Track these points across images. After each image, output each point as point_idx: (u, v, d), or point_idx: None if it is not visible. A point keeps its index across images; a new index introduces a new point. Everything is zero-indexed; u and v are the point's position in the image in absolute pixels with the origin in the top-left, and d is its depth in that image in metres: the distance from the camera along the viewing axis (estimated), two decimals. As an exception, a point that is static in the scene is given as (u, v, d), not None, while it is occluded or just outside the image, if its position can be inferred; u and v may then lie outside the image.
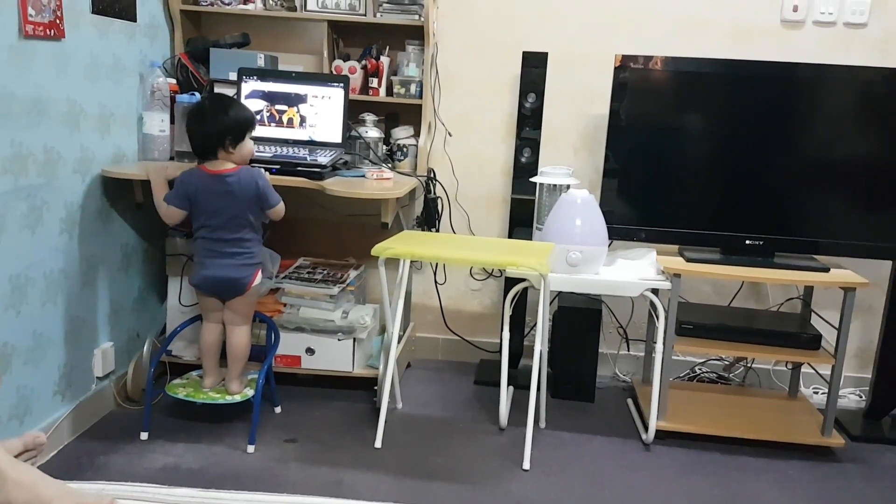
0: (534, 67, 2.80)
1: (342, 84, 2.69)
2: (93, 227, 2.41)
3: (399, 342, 2.68)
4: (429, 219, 3.00)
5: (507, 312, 2.61)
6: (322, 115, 2.70)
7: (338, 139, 2.69)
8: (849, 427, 2.69)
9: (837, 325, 2.43)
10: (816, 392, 3.01)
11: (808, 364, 2.85)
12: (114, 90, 2.47)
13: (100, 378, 2.49)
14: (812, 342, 2.53)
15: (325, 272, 2.78)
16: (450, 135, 3.05)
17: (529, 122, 2.85)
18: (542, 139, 2.88)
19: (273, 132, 2.70)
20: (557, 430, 2.59)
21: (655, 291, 2.48)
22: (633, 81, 2.58)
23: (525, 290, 2.74)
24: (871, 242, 2.56)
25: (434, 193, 3.00)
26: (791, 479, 2.35)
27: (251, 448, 2.33)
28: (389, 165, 2.86)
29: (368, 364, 2.77)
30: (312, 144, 2.68)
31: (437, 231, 3.04)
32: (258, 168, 2.36)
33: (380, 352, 2.70)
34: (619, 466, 2.38)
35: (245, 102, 2.65)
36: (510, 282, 2.66)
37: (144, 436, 2.36)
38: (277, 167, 2.46)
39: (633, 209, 2.66)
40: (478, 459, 2.37)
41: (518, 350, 2.98)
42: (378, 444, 2.39)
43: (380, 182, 2.59)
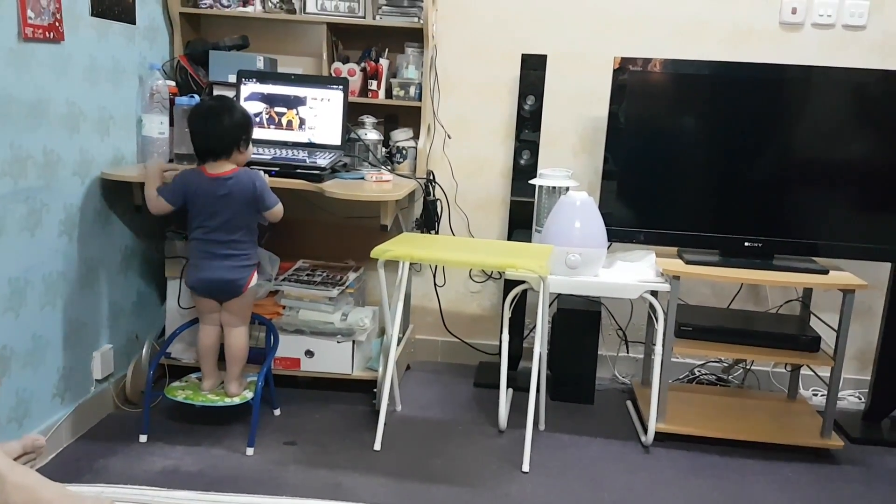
0: (533, 70, 2.81)
1: (341, 86, 2.69)
2: (92, 230, 2.41)
3: (398, 344, 2.68)
4: (428, 221, 3.00)
5: (507, 314, 2.61)
6: (321, 118, 2.70)
7: (337, 141, 2.69)
8: (848, 429, 2.69)
9: (836, 327, 2.44)
10: (816, 394, 3.01)
11: (808, 366, 2.85)
12: (113, 93, 2.47)
13: (99, 380, 2.48)
14: (811, 344, 2.53)
15: (325, 274, 2.78)
16: (449, 137, 3.05)
17: (528, 125, 2.85)
18: (542, 141, 2.88)
19: (272, 134, 2.71)
20: (557, 433, 2.59)
21: (654, 293, 2.48)
22: (632, 84, 2.59)
23: (524, 293, 2.74)
24: (870, 244, 2.56)
25: (433, 196, 3.00)
26: (790, 481, 2.35)
27: (250, 450, 2.33)
28: (389, 168, 2.86)
29: (368, 366, 2.77)
30: (311, 147, 2.69)
31: (437, 233, 3.04)
32: (256, 170, 2.36)
33: (379, 354, 2.70)
34: (619, 469, 2.38)
35: (244, 105, 2.65)
36: (509, 284, 2.67)
37: (143, 438, 2.36)
38: (277, 169, 2.46)
39: (633, 211, 2.66)
40: (477, 462, 2.36)
41: (517, 352, 2.97)
42: (377, 447, 2.39)
43: (379, 184, 2.59)
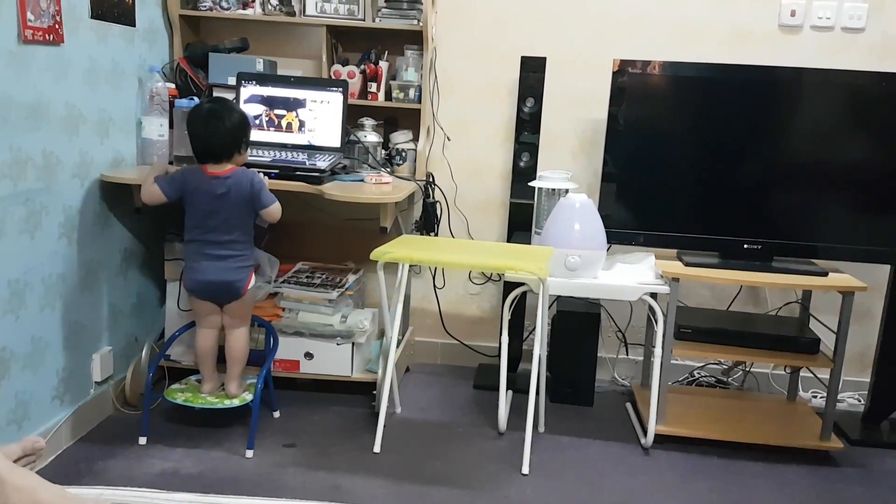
0: (532, 72, 2.81)
1: (341, 89, 2.69)
2: (91, 232, 2.41)
3: (398, 346, 2.68)
4: (427, 223, 3.00)
5: (506, 316, 2.61)
6: (321, 120, 2.70)
7: (337, 144, 2.69)
8: (848, 431, 2.69)
9: (836, 329, 2.44)
10: (815, 396, 3.01)
11: (807, 368, 2.85)
12: (113, 95, 2.47)
13: (98, 383, 2.48)
14: (810, 346, 2.53)
15: (324, 276, 2.78)
16: (448, 139, 3.05)
17: (528, 127, 2.85)
18: (541, 143, 2.88)
19: (272, 137, 2.71)
20: (556, 435, 2.59)
21: (654, 296, 2.48)
22: (632, 86, 2.59)
23: (524, 295, 2.74)
24: (870, 246, 2.56)
25: (433, 198, 3.00)
26: (790, 483, 2.35)
27: (250, 453, 2.33)
28: (388, 170, 2.86)
29: (367, 368, 2.77)
30: (311, 149, 2.69)
31: (436, 235, 3.04)
32: (254, 171, 2.36)
33: (378, 356, 2.70)
34: (618, 471, 2.37)
35: (244, 107, 2.66)
36: (509, 286, 2.67)
37: (143, 440, 2.36)
38: (276, 171, 2.46)
39: (632, 213, 2.66)
40: (477, 464, 2.36)
41: (517, 354, 2.97)
42: (377, 449, 2.38)
43: (379, 186, 2.59)
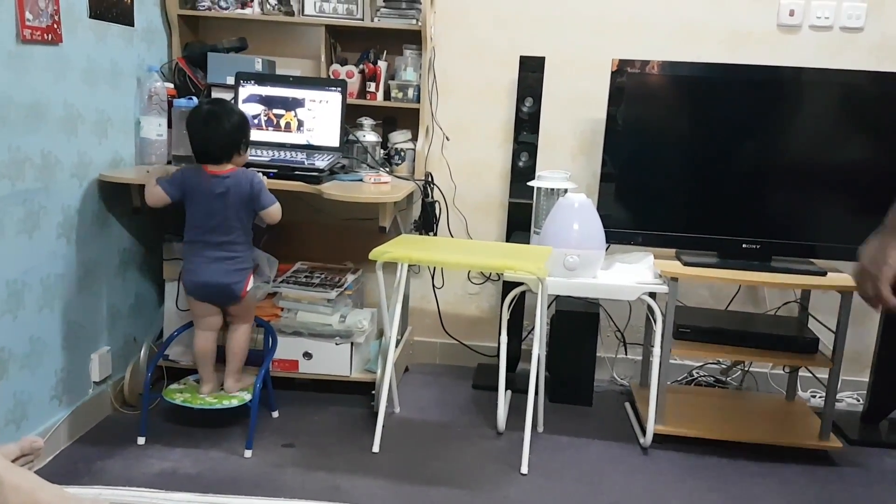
0: (531, 72, 2.81)
1: (340, 88, 2.69)
2: (90, 232, 2.40)
3: (397, 346, 2.68)
4: (426, 223, 3.00)
5: (505, 316, 2.61)
6: (320, 120, 2.70)
7: (335, 143, 2.69)
8: (846, 430, 2.69)
9: (835, 329, 2.44)
10: (814, 396, 3.01)
11: (806, 368, 2.85)
12: (111, 95, 2.47)
13: (97, 383, 2.48)
14: (809, 346, 2.53)
15: (323, 276, 2.78)
16: (447, 139, 3.05)
17: (527, 127, 2.85)
18: (540, 143, 2.88)
19: (271, 136, 2.71)
20: (555, 435, 2.59)
21: (653, 295, 2.48)
22: (630, 86, 2.59)
23: (523, 294, 2.74)
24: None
25: (432, 197, 3.00)
26: (789, 483, 2.35)
27: (248, 453, 2.32)
28: (387, 169, 2.86)
29: (366, 368, 2.77)
30: (310, 148, 2.69)
31: (435, 235, 3.04)
32: (254, 171, 2.36)
33: (377, 356, 2.70)
34: (617, 470, 2.37)
35: (243, 107, 2.66)
36: (508, 286, 2.67)
37: (141, 440, 2.36)
38: (275, 171, 2.46)
39: (631, 213, 2.66)
40: (476, 464, 2.36)
41: (516, 354, 2.98)
42: (376, 449, 2.38)
43: (377, 186, 2.59)
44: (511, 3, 2.95)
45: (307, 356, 2.69)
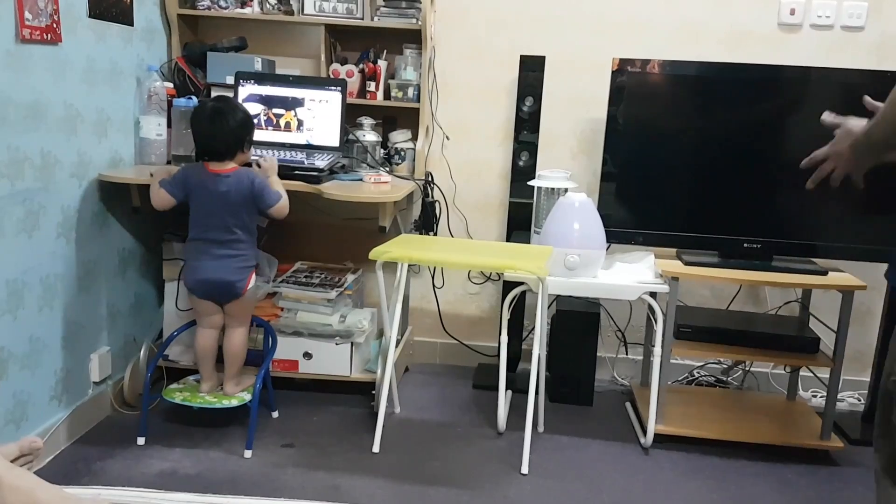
0: (531, 71, 2.81)
1: (339, 88, 2.69)
2: (90, 232, 2.40)
3: (397, 346, 2.68)
4: (427, 222, 3.00)
5: (506, 316, 2.60)
6: (319, 119, 2.69)
7: (335, 143, 2.69)
8: (847, 430, 2.68)
9: (836, 329, 2.43)
10: (815, 395, 3.01)
11: (807, 367, 2.85)
12: (111, 94, 2.47)
13: (96, 383, 2.48)
14: (810, 345, 2.53)
15: (323, 276, 2.78)
16: (447, 138, 3.05)
17: (527, 126, 2.85)
18: (540, 143, 2.88)
19: (270, 136, 2.70)
20: (556, 435, 2.59)
21: (654, 295, 2.48)
22: (631, 85, 2.59)
23: (523, 294, 2.74)
24: (870, 245, 2.55)
25: (432, 197, 3.00)
26: (790, 483, 2.35)
27: (248, 453, 2.32)
28: (387, 169, 2.86)
29: (366, 368, 2.76)
30: (310, 148, 2.68)
31: (435, 235, 3.03)
32: (255, 170, 2.36)
33: (377, 356, 2.69)
34: (618, 470, 2.37)
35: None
36: (508, 285, 2.66)
37: (141, 440, 2.35)
38: (275, 171, 2.46)
39: (631, 212, 2.66)
40: (476, 464, 2.36)
41: (516, 354, 2.97)
42: (376, 449, 2.38)
43: (377, 186, 2.58)
44: (511, 3, 2.94)
45: (307, 356, 2.69)
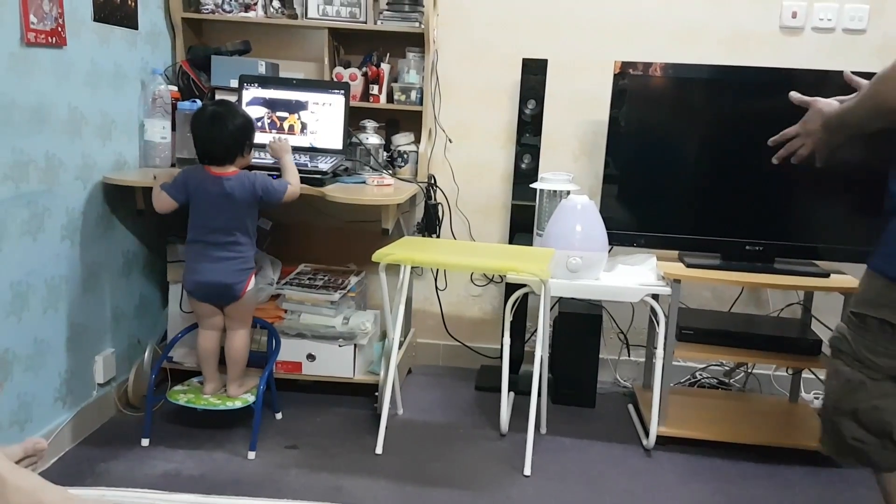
0: (533, 74, 2.81)
1: (343, 91, 2.70)
2: (94, 234, 2.41)
3: (400, 348, 2.68)
4: (429, 225, 3.01)
5: (508, 318, 2.61)
6: (323, 122, 2.70)
7: (338, 146, 2.70)
8: (850, 432, 2.68)
9: (838, 331, 2.43)
10: (817, 397, 3.00)
11: (809, 369, 2.85)
12: (115, 97, 2.48)
13: (101, 384, 2.49)
14: (812, 348, 2.53)
15: (326, 278, 2.79)
16: (450, 141, 3.06)
17: (529, 129, 2.86)
18: (542, 145, 2.88)
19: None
20: (558, 436, 2.59)
21: (656, 297, 2.48)
22: (633, 88, 2.59)
23: (525, 296, 2.74)
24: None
25: (434, 199, 3.01)
26: (792, 485, 2.35)
27: (252, 454, 2.33)
28: (390, 172, 2.86)
29: (369, 370, 2.77)
30: (313, 151, 2.69)
31: (438, 237, 3.04)
32: (255, 172, 2.37)
33: (380, 358, 2.70)
34: (620, 472, 2.37)
35: (246, 109, 2.66)
36: (511, 287, 2.67)
37: (145, 442, 2.36)
38: (278, 174, 2.46)
39: (633, 215, 2.66)
40: (479, 465, 2.36)
41: (519, 356, 2.98)
42: (379, 451, 2.39)
43: (380, 188, 2.59)
44: (513, 6, 2.95)
45: (310, 358, 2.69)
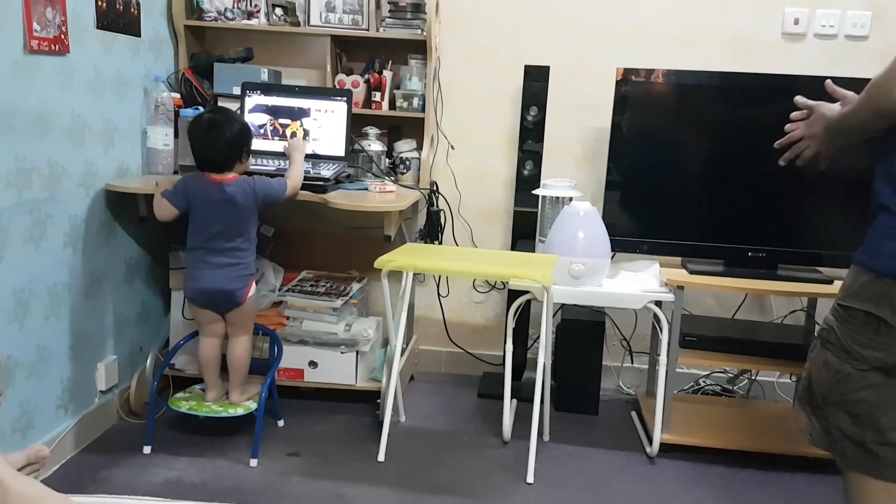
0: (535, 81, 2.82)
1: (345, 98, 2.70)
2: (96, 241, 2.41)
3: (402, 355, 2.68)
4: (431, 231, 3.01)
5: (511, 325, 2.60)
6: (325, 129, 2.71)
7: (341, 152, 2.70)
8: (854, 440, 2.67)
9: (841, 337, 2.42)
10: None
11: (813, 376, 2.83)
12: (118, 105, 2.49)
13: (103, 392, 2.49)
14: (816, 354, 2.52)
15: (328, 285, 2.79)
16: (452, 148, 3.06)
17: (531, 135, 2.86)
18: (545, 152, 2.88)
19: (277, 146, 2.71)
20: (561, 444, 2.58)
21: (659, 304, 2.48)
22: (635, 94, 2.59)
23: (528, 303, 2.74)
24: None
25: (437, 206, 3.01)
26: (797, 492, 2.34)
27: (254, 462, 2.32)
28: (392, 178, 2.87)
29: (371, 377, 2.76)
30: (316, 158, 2.69)
31: (440, 243, 3.04)
32: (253, 177, 2.37)
33: (383, 365, 2.70)
34: (624, 480, 2.36)
35: (249, 116, 2.67)
36: (513, 294, 2.66)
37: (147, 449, 2.36)
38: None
39: (636, 221, 2.66)
40: (481, 473, 2.36)
41: (521, 363, 2.97)
42: (381, 458, 2.38)
43: (383, 195, 2.59)
44: (515, 13, 2.96)
45: (312, 365, 2.69)
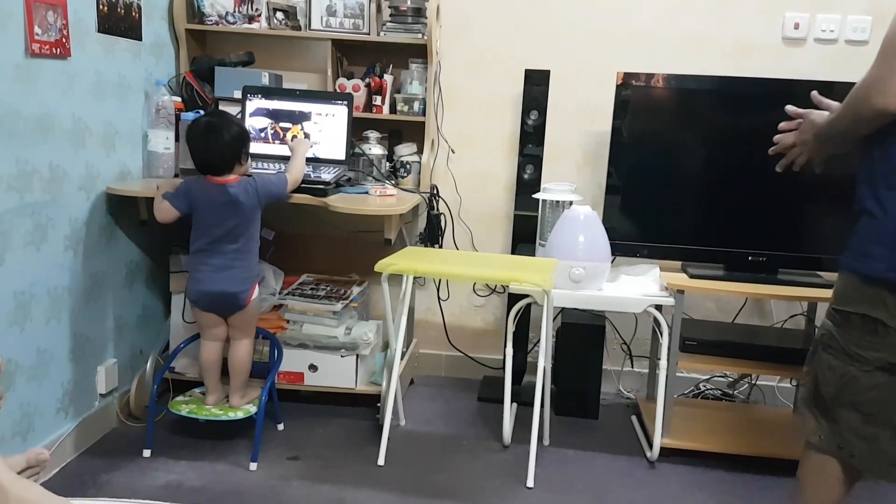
0: (536, 85, 2.82)
1: (346, 102, 2.71)
2: (97, 244, 2.42)
3: (402, 358, 2.68)
4: (432, 235, 3.01)
5: (511, 329, 2.60)
6: (326, 133, 2.71)
7: (341, 156, 2.70)
8: (855, 444, 2.67)
9: (842, 342, 2.42)
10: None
11: (813, 381, 2.83)
12: (119, 108, 2.49)
13: (103, 395, 2.49)
14: (816, 358, 2.52)
15: (329, 288, 2.79)
16: (453, 151, 3.06)
17: (532, 139, 2.86)
18: (545, 156, 2.89)
19: (277, 149, 2.71)
20: (561, 448, 2.58)
21: (659, 308, 2.47)
22: (635, 98, 2.59)
23: (528, 307, 2.74)
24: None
25: (437, 210, 3.01)
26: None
27: (254, 465, 2.32)
28: (393, 182, 2.87)
29: (371, 381, 2.76)
30: (316, 161, 2.69)
31: (441, 247, 3.04)
32: (253, 177, 2.37)
33: (383, 368, 2.70)
34: (624, 484, 2.36)
35: (250, 120, 2.68)
36: (513, 298, 2.66)
37: (147, 453, 2.36)
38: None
39: (636, 225, 2.66)
40: (481, 477, 2.35)
41: (521, 366, 2.97)
42: (381, 462, 2.38)
43: (383, 198, 2.59)
44: (516, 17, 2.96)
45: (313, 368, 2.69)
